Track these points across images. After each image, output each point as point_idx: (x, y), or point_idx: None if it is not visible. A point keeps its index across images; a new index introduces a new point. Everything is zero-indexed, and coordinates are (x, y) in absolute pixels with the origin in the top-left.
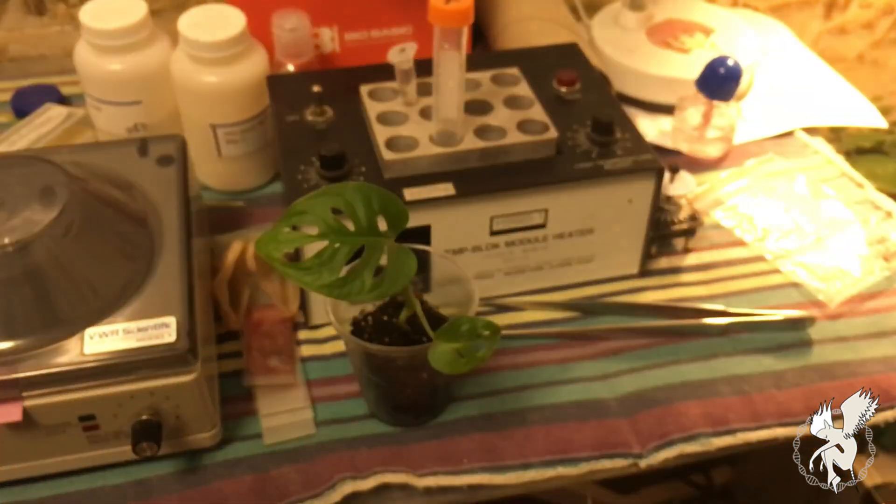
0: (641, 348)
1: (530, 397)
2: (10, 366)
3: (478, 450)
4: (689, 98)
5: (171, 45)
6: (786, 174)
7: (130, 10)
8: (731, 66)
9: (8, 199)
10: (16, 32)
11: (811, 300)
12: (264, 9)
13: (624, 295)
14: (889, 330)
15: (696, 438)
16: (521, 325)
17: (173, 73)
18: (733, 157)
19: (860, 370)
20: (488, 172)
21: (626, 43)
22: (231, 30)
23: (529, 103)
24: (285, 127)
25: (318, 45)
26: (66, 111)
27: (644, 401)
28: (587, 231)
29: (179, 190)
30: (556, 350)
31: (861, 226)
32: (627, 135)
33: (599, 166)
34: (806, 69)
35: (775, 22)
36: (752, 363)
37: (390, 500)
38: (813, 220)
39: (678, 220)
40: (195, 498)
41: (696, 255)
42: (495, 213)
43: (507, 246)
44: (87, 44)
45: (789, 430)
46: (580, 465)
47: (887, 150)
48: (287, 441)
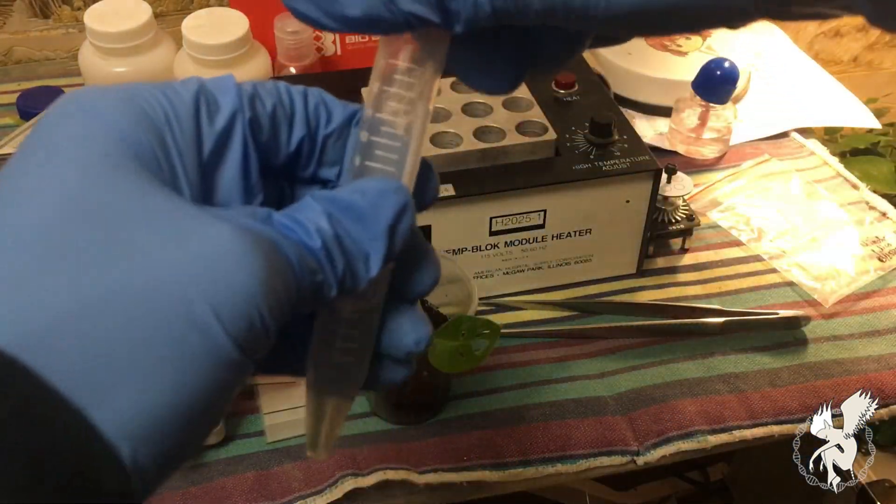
0: (639, 347)
1: (529, 395)
2: None
3: (477, 447)
4: (686, 100)
5: (175, 48)
6: (781, 175)
7: (135, 13)
8: (728, 68)
9: None
10: (21, 35)
11: (806, 299)
12: (267, 12)
13: (622, 294)
14: (883, 329)
15: (693, 436)
16: (520, 324)
17: (177, 75)
18: (729, 158)
19: (854, 369)
20: (488, 173)
21: (624, 45)
22: (234, 33)
23: (528, 105)
24: None
25: (319, 47)
26: None
27: (642, 399)
28: (585, 231)
29: None
30: (554, 349)
31: (855, 226)
32: (625, 136)
33: (597, 167)
34: (801, 71)
35: (771, 25)
36: (747, 362)
37: (391, 497)
38: (808, 221)
39: (675, 220)
40: (198, 495)
41: (692, 255)
42: (495, 214)
43: (507, 246)
44: (92, 46)
45: (785, 427)
46: (579, 463)
47: (882, 152)
48: (289, 438)
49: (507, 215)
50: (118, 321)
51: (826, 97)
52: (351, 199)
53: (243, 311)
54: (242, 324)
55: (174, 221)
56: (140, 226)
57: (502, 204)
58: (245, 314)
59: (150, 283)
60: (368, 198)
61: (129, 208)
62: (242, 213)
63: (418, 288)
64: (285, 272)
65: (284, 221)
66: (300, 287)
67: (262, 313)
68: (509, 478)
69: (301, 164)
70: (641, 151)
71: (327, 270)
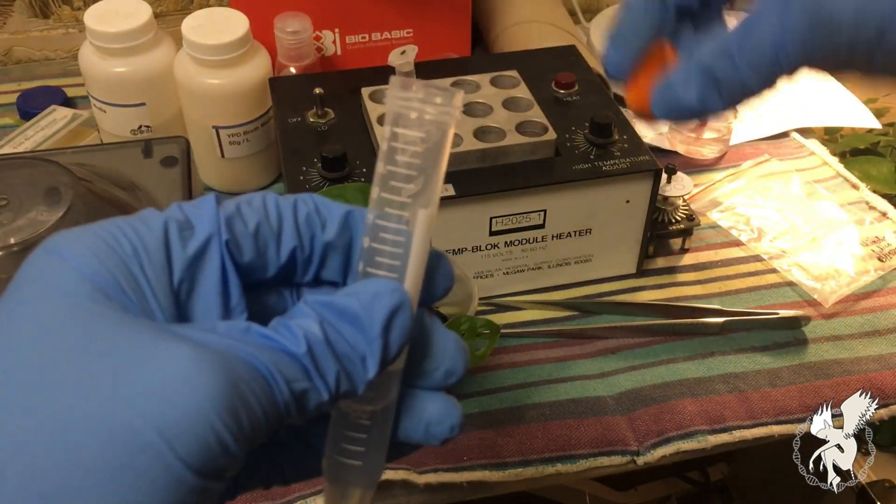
0: (639, 347)
1: (529, 395)
2: None
3: (477, 447)
4: None
5: (175, 48)
6: (781, 175)
7: (135, 13)
8: None
9: (14, 199)
10: (21, 35)
11: (806, 299)
12: (267, 12)
13: (621, 294)
14: (883, 329)
15: (693, 436)
16: (520, 324)
17: (177, 75)
18: (729, 158)
19: (854, 368)
20: (488, 173)
21: None
22: (234, 33)
23: (528, 105)
24: (287, 128)
25: (319, 47)
26: (71, 113)
27: (641, 399)
28: (585, 231)
29: (183, 191)
30: (554, 348)
31: (855, 226)
32: (625, 136)
33: (597, 167)
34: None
35: None
36: (747, 361)
37: (391, 497)
38: (808, 221)
39: (675, 220)
40: None
41: (692, 254)
42: (495, 214)
43: (507, 246)
44: (92, 46)
45: (785, 427)
46: (578, 462)
47: (882, 152)
48: None
49: (507, 215)
50: (66, 457)
51: (826, 97)
52: (345, 303)
53: (195, 431)
54: (194, 445)
55: (132, 349)
56: (96, 361)
57: (502, 204)
58: (197, 434)
59: (98, 411)
60: (362, 300)
61: (86, 346)
62: (213, 330)
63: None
64: (252, 385)
65: (263, 332)
66: (276, 398)
67: (218, 434)
68: (509, 478)
69: (298, 272)
70: (641, 151)
71: (313, 375)
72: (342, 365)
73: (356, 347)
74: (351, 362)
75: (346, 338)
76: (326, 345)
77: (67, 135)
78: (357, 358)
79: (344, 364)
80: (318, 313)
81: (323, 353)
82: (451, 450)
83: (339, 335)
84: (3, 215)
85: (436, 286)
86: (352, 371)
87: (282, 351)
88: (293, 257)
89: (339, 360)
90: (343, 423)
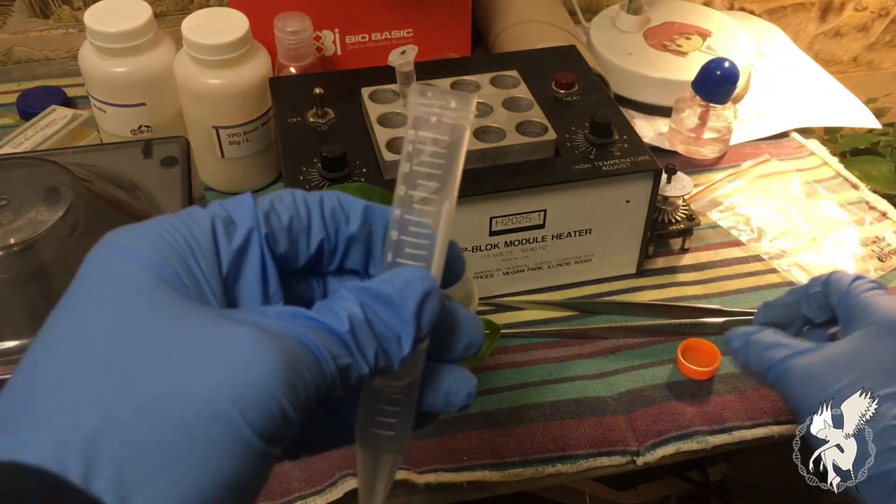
0: (639, 347)
1: (529, 395)
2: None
3: (477, 447)
4: (686, 100)
5: (174, 48)
6: (781, 175)
7: (135, 13)
8: (728, 68)
9: (13, 199)
10: (21, 35)
11: None
12: (267, 12)
13: (622, 294)
14: None
15: (692, 436)
16: (520, 324)
17: (177, 75)
18: (729, 158)
19: None
20: (488, 173)
21: (624, 45)
22: (234, 33)
23: (528, 105)
24: (287, 128)
25: (319, 47)
26: (71, 113)
27: (641, 399)
28: (585, 231)
29: (183, 191)
30: (554, 349)
31: (856, 226)
32: (625, 136)
33: (597, 167)
34: (801, 71)
35: (771, 25)
36: None
37: (391, 497)
38: (808, 221)
39: (675, 220)
40: None
41: (692, 254)
42: (495, 214)
43: (507, 246)
44: (92, 46)
45: (785, 427)
46: (578, 462)
47: (882, 152)
48: None
49: (507, 215)
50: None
51: (826, 97)
52: (381, 288)
53: (262, 402)
54: (262, 414)
55: (202, 331)
56: (172, 343)
57: (502, 204)
58: (264, 405)
59: (180, 382)
60: (396, 286)
61: (160, 331)
62: (265, 314)
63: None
64: (306, 362)
65: (309, 314)
66: (325, 373)
67: (280, 404)
68: (509, 478)
69: (324, 262)
70: (641, 151)
71: (354, 352)
72: (380, 343)
73: (392, 328)
74: (387, 341)
75: (383, 319)
76: (366, 325)
77: (67, 135)
78: (393, 337)
79: (381, 342)
80: (358, 297)
81: (363, 331)
82: (451, 450)
83: (377, 317)
84: (3, 215)
85: (452, 271)
86: (388, 349)
87: (327, 330)
88: (320, 248)
89: (378, 338)
90: (377, 398)
